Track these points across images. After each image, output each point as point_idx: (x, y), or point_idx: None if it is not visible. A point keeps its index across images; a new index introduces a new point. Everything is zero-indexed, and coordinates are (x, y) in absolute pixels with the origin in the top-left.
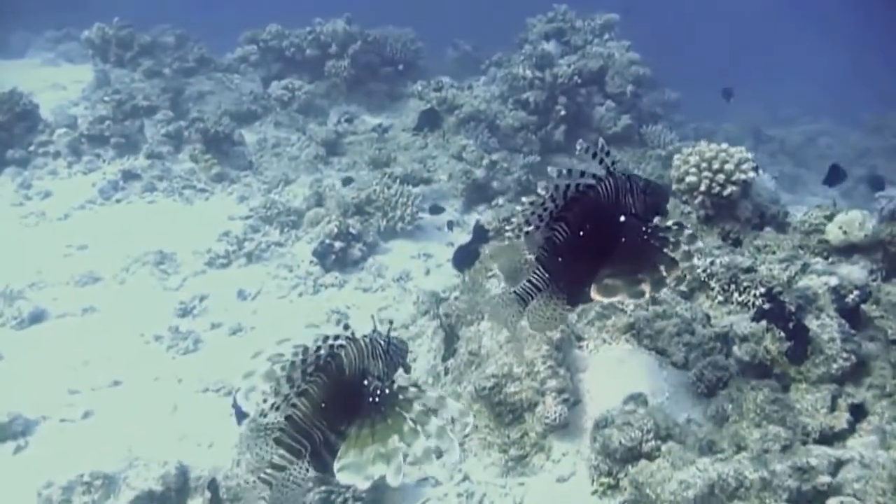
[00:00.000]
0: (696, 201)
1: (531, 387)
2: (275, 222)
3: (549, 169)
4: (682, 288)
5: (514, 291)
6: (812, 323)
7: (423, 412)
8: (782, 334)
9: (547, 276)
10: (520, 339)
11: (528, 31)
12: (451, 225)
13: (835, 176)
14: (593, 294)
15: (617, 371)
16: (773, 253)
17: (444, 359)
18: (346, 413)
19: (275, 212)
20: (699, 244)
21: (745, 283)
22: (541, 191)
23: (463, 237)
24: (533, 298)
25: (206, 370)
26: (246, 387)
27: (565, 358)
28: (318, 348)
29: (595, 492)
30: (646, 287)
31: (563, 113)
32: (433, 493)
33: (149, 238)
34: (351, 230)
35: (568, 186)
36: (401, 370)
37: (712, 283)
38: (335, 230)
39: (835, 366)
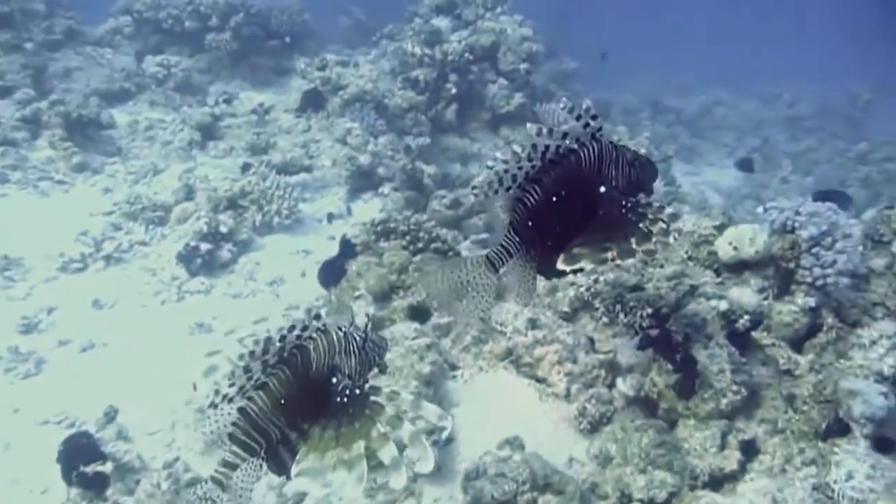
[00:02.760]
0: None
1: None
2: (140, 219)
3: (529, 126)
4: (565, 309)
5: (486, 256)
6: (700, 353)
7: (395, 416)
8: (669, 366)
9: (517, 239)
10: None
11: (418, 2)
12: (331, 217)
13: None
14: (560, 264)
15: (494, 404)
16: (661, 267)
17: None
18: (309, 412)
19: (140, 207)
20: (680, 225)
21: (631, 304)
22: (516, 148)
23: (345, 230)
24: (504, 264)
25: (47, 398)
26: (208, 366)
27: (436, 393)
28: (283, 338)
29: None
30: (611, 255)
31: (454, 91)
32: None
33: None
34: (221, 228)
35: (547, 147)
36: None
37: (596, 303)
38: (204, 228)
39: (724, 401)
